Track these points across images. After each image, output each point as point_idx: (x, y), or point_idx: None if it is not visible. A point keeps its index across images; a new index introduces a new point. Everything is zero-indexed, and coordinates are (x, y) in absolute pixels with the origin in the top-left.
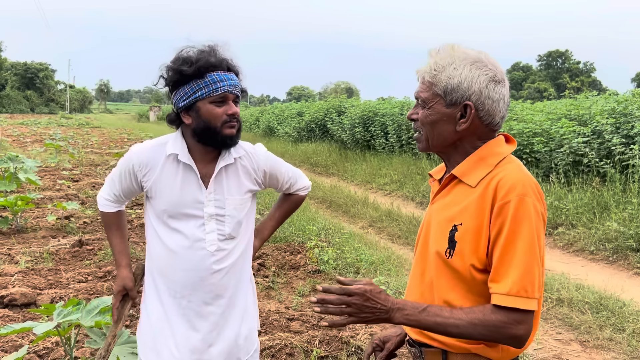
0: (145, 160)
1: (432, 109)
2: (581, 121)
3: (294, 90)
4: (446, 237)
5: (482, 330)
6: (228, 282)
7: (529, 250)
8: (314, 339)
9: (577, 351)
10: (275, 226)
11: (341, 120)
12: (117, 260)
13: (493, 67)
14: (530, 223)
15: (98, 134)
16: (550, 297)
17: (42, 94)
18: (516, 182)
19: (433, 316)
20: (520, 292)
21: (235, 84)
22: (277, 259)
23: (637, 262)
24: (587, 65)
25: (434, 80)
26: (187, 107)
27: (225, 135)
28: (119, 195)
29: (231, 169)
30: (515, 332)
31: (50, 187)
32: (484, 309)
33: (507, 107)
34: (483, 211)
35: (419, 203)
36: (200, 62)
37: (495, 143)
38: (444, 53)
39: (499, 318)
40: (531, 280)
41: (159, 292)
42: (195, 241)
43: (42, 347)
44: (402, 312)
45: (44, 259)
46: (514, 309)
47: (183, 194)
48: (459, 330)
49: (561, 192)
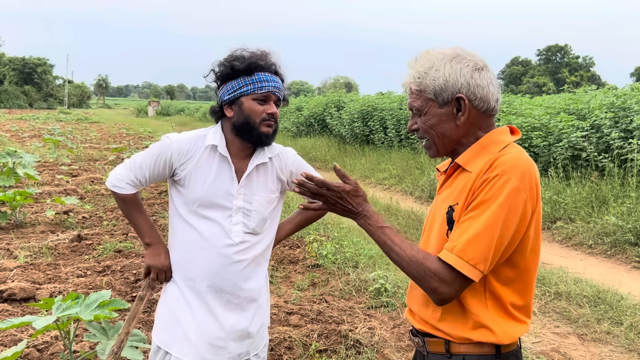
0: (186, 149)
1: (428, 114)
2: (580, 115)
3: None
4: (445, 220)
5: (414, 269)
6: (247, 275)
7: (488, 223)
8: (312, 332)
9: (575, 344)
10: (293, 229)
11: (340, 115)
12: (148, 237)
13: (471, 57)
14: (502, 201)
15: (97, 129)
16: (548, 290)
17: (40, 89)
18: (506, 160)
19: (386, 236)
20: (459, 253)
21: (279, 87)
22: (276, 253)
23: (635, 256)
24: (586, 59)
25: (420, 87)
26: (232, 101)
27: (262, 133)
28: (145, 181)
29: (263, 167)
30: (437, 287)
31: (49, 182)
32: (429, 255)
33: (497, 89)
34: (471, 187)
35: (418, 197)
36: (251, 60)
37: (498, 132)
38: (421, 59)
39: (431, 267)
40: (476, 247)
41: (179, 276)
42: (222, 230)
43: (41, 341)
44: (366, 219)
45: (43, 253)
46: (449, 266)
47: (216, 184)
48: (398, 259)
49: (560, 186)
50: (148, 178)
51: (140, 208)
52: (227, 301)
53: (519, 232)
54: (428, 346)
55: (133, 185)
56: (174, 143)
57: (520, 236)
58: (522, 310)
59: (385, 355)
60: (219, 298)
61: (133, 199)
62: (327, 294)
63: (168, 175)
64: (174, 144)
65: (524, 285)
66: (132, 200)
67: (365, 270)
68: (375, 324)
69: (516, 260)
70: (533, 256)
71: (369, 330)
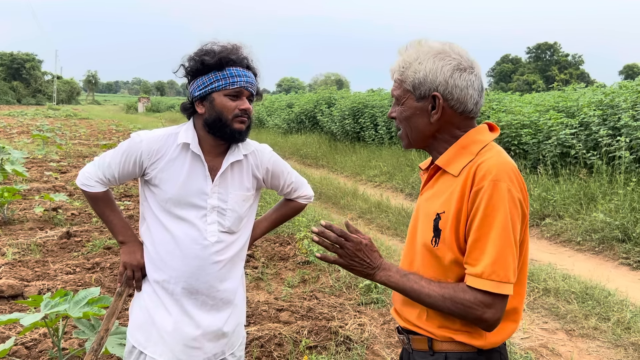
0: (156, 148)
1: (405, 105)
2: (569, 113)
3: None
4: (431, 227)
5: (451, 305)
6: (223, 275)
7: (502, 235)
8: (302, 329)
9: (563, 340)
10: (269, 227)
11: (331, 112)
12: (122, 235)
13: (457, 56)
14: (505, 208)
15: (86, 125)
16: (537, 287)
17: (28, 84)
18: (492, 167)
19: (411, 282)
20: (491, 276)
21: (252, 82)
22: (267, 250)
23: (622, 253)
24: (575, 57)
25: (402, 77)
26: (203, 96)
27: (235, 129)
28: (114, 180)
29: (237, 165)
30: (481, 314)
31: (37, 179)
32: (457, 286)
33: (479, 93)
34: (462, 197)
35: (408, 194)
36: (221, 55)
37: (476, 131)
38: (411, 49)
39: (467, 297)
40: (503, 264)
41: (153, 278)
42: (197, 231)
43: (29, 338)
44: (386, 272)
45: (32, 250)
46: (484, 291)
47: (189, 183)
48: (430, 300)
49: (549, 183)
50: (117, 177)
51: (113, 206)
52: (203, 302)
53: (521, 232)
54: (412, 343)
55: (102, 184)
56: (144, 142)
57: (521, 236)
58: (513, 313)
59: (375, 352)
60: (195, 300)
61: (104, 196)
62: (318, 291)
63: (138, 175)
64: (143, 143)
65: (519, 286)
66: (103, 198)
67: None
68: (365, 320)
69: None
70: (524, 256)
71: (359, 326)
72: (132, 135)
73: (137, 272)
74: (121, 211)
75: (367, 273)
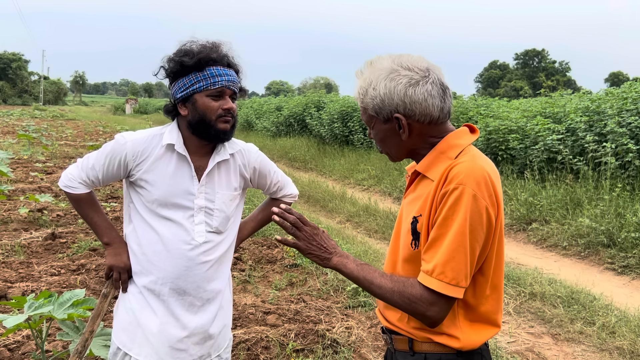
0: (141, 149)
1: (375, 129)
2: (556, 119)
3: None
4: (410, 230)
5: (398, 299)
6: (211, 276)
7: (457, 238)
8: (289, 332)
9: (549, 344)
10: (255, 227)
11: (320, 116)
12: (107, 236)
13: (407, 71)
14: (465, 212)
15: (73, 126)
16: (523, 291)
17: (14, 85)
18: (461, 171)
19: (365, 272)
20: (440, 276)
21: (234, 80)
22: (254, 252)
23: (607, 258)
24: (562, 64)
25: (363, 104)
26: (185, 98)
27: (219, 130)
28: (97, 181)
29: (224, 164)
30: (425, 310)
31: (22, 180)
32: (407, 281)
33: (441, 97)
34: (434, 199)
35: (396, 198)
36: (201, 55)
37: (454, 135)
38: (365, 72)
39: (414, 292)
40: (454, 267)
41: (140, 279)
42: (185, 231)
43: (12, 340)
44: (342, 259)
45: (16, 251)
46: (431, 289)
47: (175, 184)
48: (380, 292)
49: (535, 188)
50: (101, 179)
51: (96, 207)
52: (190, 303)
53: (488, 240)
54: (395, 343)
55: (86, 185)
56: (129, 143)
57: (489, 243)
58: (492, 316)
59: (362, 355)
60: (182, 300)
61: (87, 198)
62: (305, 294)
63: (123, 176)
64: (128, 144)
65: (494, 291)
66: (86, 200)
67: None
68: (353, 323)
69: (486, 267)
70: (499, 261)
71: (346, 329)
72: (117, 136)
73: (124, 273)
74: (105, 212)
75: (324, 257)
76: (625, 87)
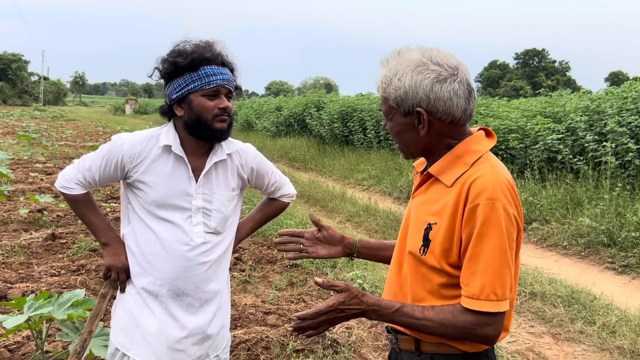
0: (137, 151)
1: (393, 121)
2: (556, 118)
3: (273, 84)
4: (421, 235)
5: (452, 331)
6: (209, 276)
7: (498, 254)
8: (290, 332)
9: (549, 344)
10: (254, 227)
11: (320, 116)
12: (105, 236)
13: (436, 66)
14: (500, 227)
15: (73, 126)
16: (523, 291)
17: (14, 85)
18: (487, 185)
19: (405, 317)
20: (489, 296)
21: (229, 79)
22: (254, 253)
23: (607, 257)
24: (562, 64)
25: (385, 94)
26: (180, 99)
27: (216, 129)
28: (94, 182)
29: (221, 164)
30: (483, 332)
31: (22, 180)
32: (453, 309)
33: (466, 98)
34: (456, 212)
35: (397, 198)
36: (194, 54)
37: (472, 140)
38: (392, 62)
39: (467, 319)
40: (501, 283)
41: (138, 280)
42: (183, 232)
43: (12, 341)
44: (376, 312)
45: (16, 252)
46: (484, 312)
47: (172, 185)
48: (430, 330)
49: (535, 188)
50: (98, 180)
51: (93, 207)
52: (189, 304)
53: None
54: (400, 343)
55: (82, 186)
56: (125, 144)
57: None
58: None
59: (362, 355)
60: (180, 301)
61: (84, 199)
62: (305, 294)
63: (120, 177)
64: (125, 146)
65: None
66: (83, 201)
67: (343, 270)
68: (353, 323)
69: None
70: (517, 263)
71: (347, 329)
72: (114, 137)
73: (122, 274)
74: (105, 213)
75: (357, 316)
76: (625, 87)
